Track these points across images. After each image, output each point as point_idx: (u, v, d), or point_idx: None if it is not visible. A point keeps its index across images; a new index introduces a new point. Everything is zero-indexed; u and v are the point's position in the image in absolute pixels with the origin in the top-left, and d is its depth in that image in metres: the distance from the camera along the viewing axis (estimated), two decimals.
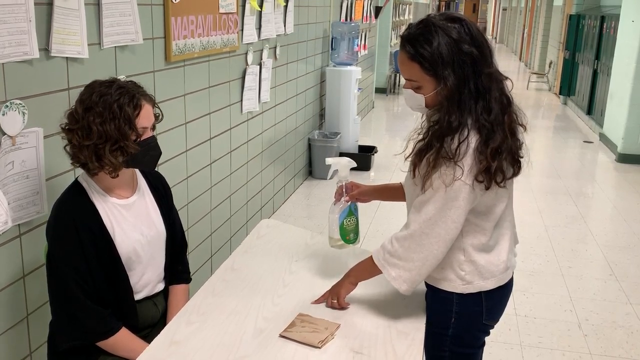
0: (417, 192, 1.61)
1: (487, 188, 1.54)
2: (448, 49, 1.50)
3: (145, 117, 1.73)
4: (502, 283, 1.70)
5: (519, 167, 1.61)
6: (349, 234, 1.95)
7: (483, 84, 1.53)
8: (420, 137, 1.60)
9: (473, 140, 1.52)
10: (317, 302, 1.78)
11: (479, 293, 1.67)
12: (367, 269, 1.72)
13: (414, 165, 1.59)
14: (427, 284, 1.75)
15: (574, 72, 10.45)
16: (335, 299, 1.75)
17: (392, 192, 1.98)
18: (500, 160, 1.52)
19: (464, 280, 1.66)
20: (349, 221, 1.94)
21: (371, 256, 1.70)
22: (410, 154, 1.61)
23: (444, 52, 1.51)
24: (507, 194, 1.65)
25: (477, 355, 1.83)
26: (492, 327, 1.78)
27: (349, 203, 1.94)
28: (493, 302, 1.72)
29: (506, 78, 1.61)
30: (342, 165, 1.94)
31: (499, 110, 1.55)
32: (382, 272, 1.67)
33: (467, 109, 1.52)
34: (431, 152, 1.53)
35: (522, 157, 1.62)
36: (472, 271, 1.65)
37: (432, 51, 1.51)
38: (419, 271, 1.60)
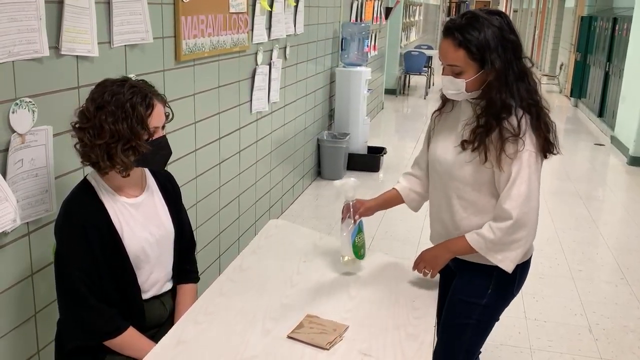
0: (482, 176, 1.76)
1: (546, 157, 1.77)
2: (493, 36, 1.69)
3: (157, 117, 1.73)
4: (531, 254, 1.91)
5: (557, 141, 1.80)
6: (360, 249, 2.03)
7: (523, 67, 1.75)
8: (475, 124, 1.74)
9: (527, 117, 1.71)
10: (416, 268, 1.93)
11: (517, 265, 1.80)
12: (467, 249, 1.81)
13: (484, 149, 1.72)
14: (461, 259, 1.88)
15: (585, 74, 10.39)
16: (429, 270, 1.89)
17: (392, 200, 2.14)
18: (553, 131, 1.76)
19: None
20: (359, 238, 2.03)
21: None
22: (472, 142, 1.74)
23: (490, 39, 1.69)
24: None
25: (492, 326, 1.94)
26: (513, 298, 1.94)
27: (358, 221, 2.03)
28: (524, 273, 1.91)
29: (532, 65, 1.82)
30: (348, 187, 2.04)
31: (535, 91, 1.77)
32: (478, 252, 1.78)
33: (514, 89, 1.71)
34: (492, 132, 1.70)
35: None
36: None
37: (480, 38, 1.69)
38: (524, 247, 1.75)
